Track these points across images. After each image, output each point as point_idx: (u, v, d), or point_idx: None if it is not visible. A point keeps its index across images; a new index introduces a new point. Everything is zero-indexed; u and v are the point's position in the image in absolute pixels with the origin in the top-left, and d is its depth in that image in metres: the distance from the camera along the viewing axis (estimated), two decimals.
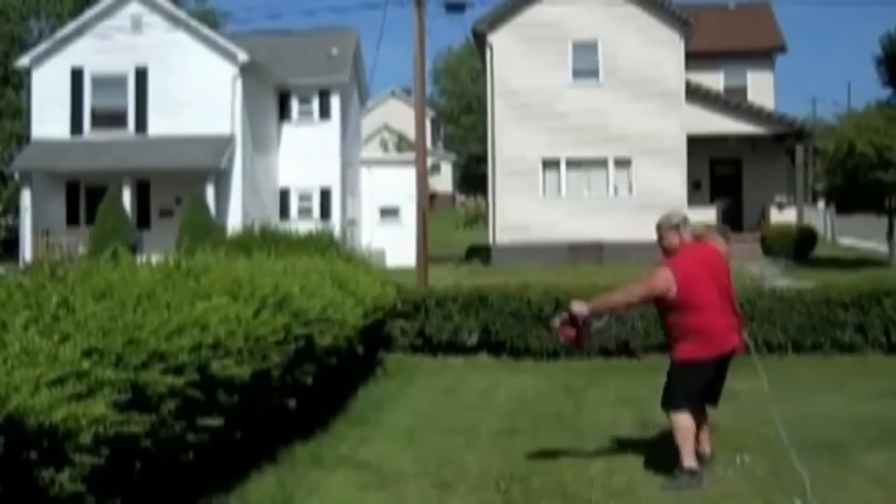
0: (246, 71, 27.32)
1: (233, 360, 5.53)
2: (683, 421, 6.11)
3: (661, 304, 6.20)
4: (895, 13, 73.87)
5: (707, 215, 26.26)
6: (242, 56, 26.99)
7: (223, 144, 26.56)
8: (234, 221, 24.63)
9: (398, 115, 58.84)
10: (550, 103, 26.43)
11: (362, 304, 8.94)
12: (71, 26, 28.09)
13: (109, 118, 27.19)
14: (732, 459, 6.53)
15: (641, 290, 6.21)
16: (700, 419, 6.30)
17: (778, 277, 19.63)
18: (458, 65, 68.39)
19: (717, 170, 30.34)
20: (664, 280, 6.05)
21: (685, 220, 6.33)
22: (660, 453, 6.66)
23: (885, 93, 37.77)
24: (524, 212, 26.42)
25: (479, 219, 36.23)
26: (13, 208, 31.06)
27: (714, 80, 30.08)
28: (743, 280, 17.58)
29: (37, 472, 3.91)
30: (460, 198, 60.72)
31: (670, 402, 6.21)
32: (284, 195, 30.47)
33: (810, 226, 27.68)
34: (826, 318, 11.17)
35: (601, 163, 26.65)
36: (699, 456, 6.19)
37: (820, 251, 26.09)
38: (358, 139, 35.68)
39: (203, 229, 21.81)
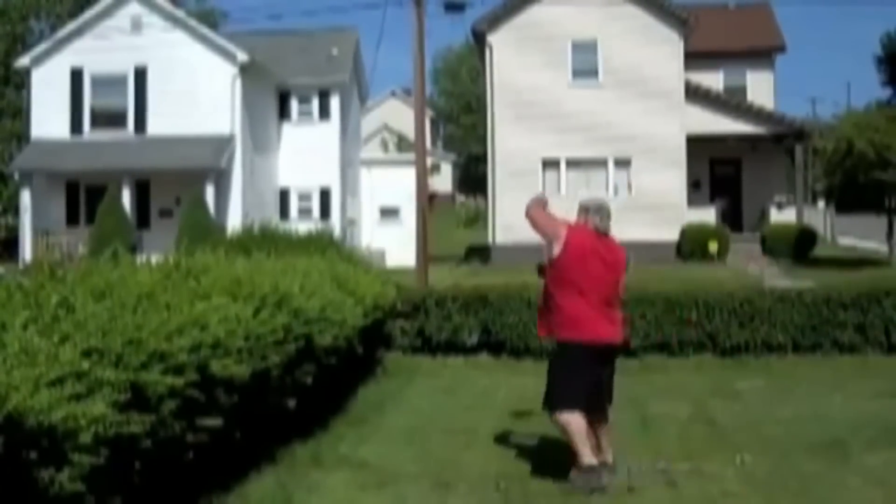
0: (245, 71, 27.31)
1: (232, 359, 5.52)
2: (571, 422, 5.91)
3: (549, 269, 6.17)
4: (895, 13, 73.85)
5: (707, 215, 26.30)
6: (242, 56, 26.98)
7: (223, 144, 26.55)
8: (234, 221, 24.58)
9: (398, 115, 58.84)
10: (550, 103, 26.38)
11: (362, 304, 8.93)
12: (71, 26, 28.06)
13: (109, 118, 27.16)
14: (732, 459, 6.52)
15: (547, 218, 6.21)
16: (599, 423, 6.09)
17: (777, 277, 19.60)
18: (457, 65, 68.36)
19: (717, 170, 30.35)
20: (558, 228, 6.09)
21: (600, 208, 6.25)
22: (660, 453, 6.67)
23: (885, 93, 37.78)
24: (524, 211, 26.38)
25: (479, 219, 36.20)
26: (13, 208, 31.03)
27: (714, 80, 30.08)
28: (742, 280, 17.61)
29: (36, 471, 3.90)
30: (460, 198, 60.69)
31: (551, 402, 6.04)
32: (284, 195, 30.43)
33: (810, 226, 27.65)
34: (826, 318, 11.15)
35: (601, 163, 26.61)
36: (604, 464, 6.01)
37: (820, 251, 26.05)
38: (358, 139, 35.64)
39: (203, 229, 21.79)
